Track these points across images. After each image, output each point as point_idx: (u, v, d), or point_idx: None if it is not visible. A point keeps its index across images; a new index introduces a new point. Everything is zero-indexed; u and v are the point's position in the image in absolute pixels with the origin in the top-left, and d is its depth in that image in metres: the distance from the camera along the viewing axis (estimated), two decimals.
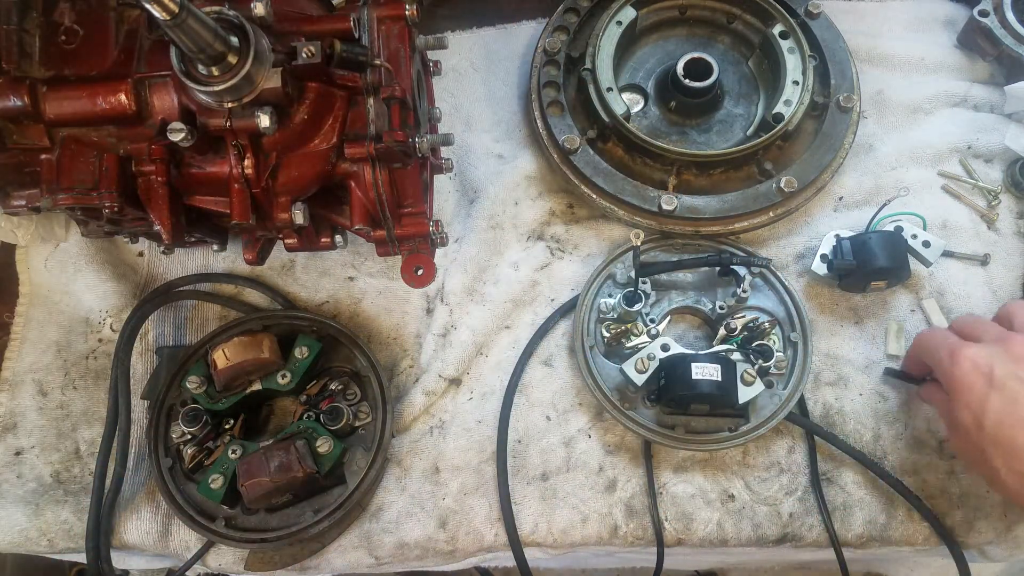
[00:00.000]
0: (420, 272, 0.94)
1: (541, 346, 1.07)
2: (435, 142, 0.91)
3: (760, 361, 0.97)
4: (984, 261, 1.08)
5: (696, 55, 1.08)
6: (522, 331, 1.08)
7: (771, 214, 1.06)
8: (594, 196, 1.07)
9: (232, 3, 0.78)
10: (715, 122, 1.14)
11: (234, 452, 0.94)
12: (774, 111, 1.07)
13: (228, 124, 0.79)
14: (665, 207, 1.02)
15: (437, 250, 0.97)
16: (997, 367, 0.76)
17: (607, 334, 1.02)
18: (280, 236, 0.92)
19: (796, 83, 1.07)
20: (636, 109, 1.14)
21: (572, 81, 1.14)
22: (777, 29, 1.11)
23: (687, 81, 1.07)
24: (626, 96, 1.12)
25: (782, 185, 1.04)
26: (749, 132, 1.12)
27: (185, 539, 0.99)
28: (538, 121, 1.11)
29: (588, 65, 1.09)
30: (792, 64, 1.08)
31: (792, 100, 1.07)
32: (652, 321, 1.03)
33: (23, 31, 0.83)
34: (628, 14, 1.11)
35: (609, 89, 1.07)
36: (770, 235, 1.11)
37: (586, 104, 1.10)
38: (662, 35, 1.20)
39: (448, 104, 1.19)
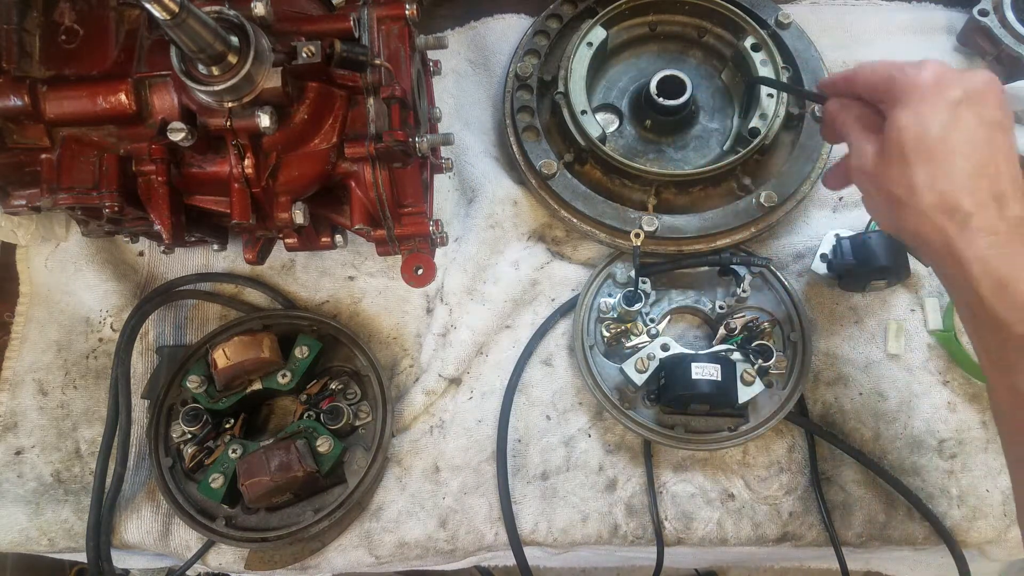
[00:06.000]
0: (420, 272, 0.94)
1: (541, 346, 1.08)
2: (435, 142, 0.91)
3: (760, 361, 0.97)
4: None
5: (669, 72, 1.07)
6: (522, 330, 1.08)
7: (752, 230, 1.05)
8: (575, 220, 1.07)
9: (232, 3, 0.78)
10: (691, 138, 1.13)
11: (234, 451, 0.94)
12: (750, 125, 1.06)
13: (228, 124, 0.79)
14: (646, 228, 1.02)
15: (437, 249, 0.97)
16: (963, 87, 0.70)
17: (607, 334, 1.03)
18: (280, 236, 0.92)
19: (771, 96, 1.07)
20: (611, 129, 1.13)
21: (546, 104, 1.13)
22: (748, 42, 1.10)
23: (661, 99, 1.06)
24: (600, 117, 1.11)
25: (762, 200, 1.04)
26: (726, 147, 1.11)
27: (185, 538, 1.00)
28: (514, 147, 1.10)
29: (561, 88, 1.08)
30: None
31: (767, 113, 1.06)
32: (652, 321, 1.03)
33: (23, 31, 0.83)
34: (598, 34, 1.10)
35: (583, 112, 1.06)
36: (769, 235, 1.11)
37: (561, 127, 1.10)
38: (633, 52, 1.19)
39: (448, 104, 1.19)
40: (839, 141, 0.85)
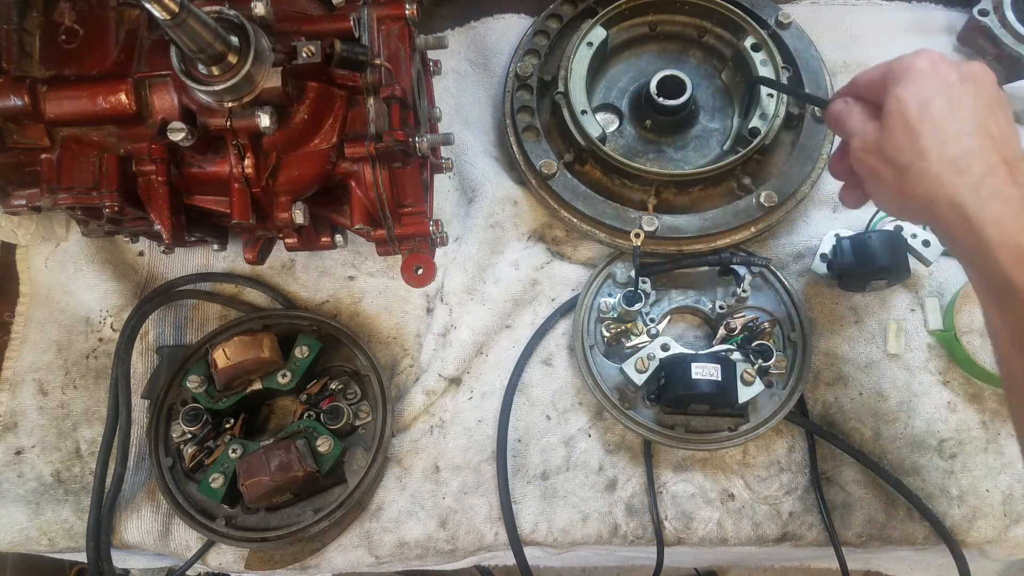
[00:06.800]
0: (420, 271, 0.94)
1: (541, 345, 1.08)
2: (435, 142, 0.91)
3: (760, 361, 0.97)
4: None
5: (669, 72, 1.07)
6: (522, 330, 1.08)
7: (752, 229, 1.05)
8: (575, 220, 1.07)
9: (232, 3, 0.78)
10: (691, 138, 1.13)
11: (234, 451, 0.94)
12: (750, 125, 1.06)
13: (228, 124, 0.79)
14: (646, 228, 1.02)
15: (437, 249, 0.97)
16: (958, 71, 0.72)
17: (607, 334, 1.03)
18: (280, 236, 0.92)
19: (771, 95, 1.07)
20: (611, 129, 1.13)
21: (546, 104, 1.13)
22: (748, 42, 1.10)
23: (661, 99, 1.06)
24: (600, 116, 1.11)
25: (762, 200, 1.03)
26: (726, 147, 1.11)
27: (185, 538, 1.00)
28: (514, 147, 1.10)
29: (561, 88, 1.08)
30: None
31: (767, 113, 1.06)
32: (652, 321, 1.03)
33: (23, 31, 0.83)
34: (598, 34, 1.10)
35: (584, 112, 1.06)
36: (769, 235, 1.11)
37: (561, 127, 1.10)
38: (633, 52, 1.19)
39: (448, 104, 1.19)
40: (845, 137, 0.83)
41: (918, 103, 0.70)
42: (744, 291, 1.02)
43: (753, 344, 0.99)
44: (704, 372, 0.91)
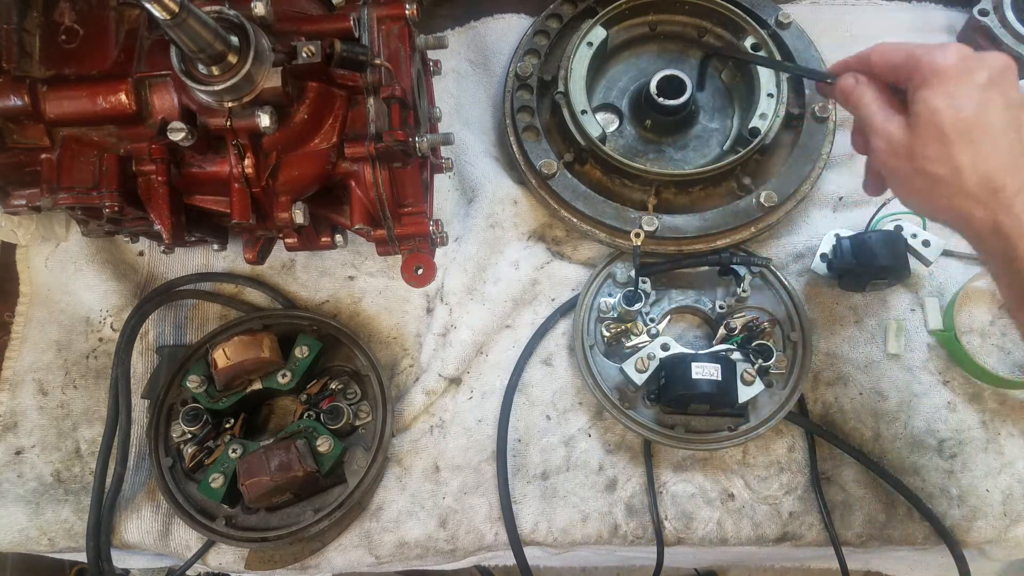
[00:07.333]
0: (420, 271, 0.94)
1: (541, 345, 1.08)
2: (435, 142, 0.91)
3: (760, 361, 0.97)
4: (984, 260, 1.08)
5: (669, 72, 1.07)
6: (522, 330, 1.08)
7: (752, 229, 1.05)
8: (575, 220, 1.07)
9: (232, 3, 0.78)
10: (691, 138, 1.13)
11: (234, 451, 0.94)
12: (750, 125, 1.06)
13: (228, 124, 0.79)
14: (646, 228, 1.02)
15: (437, 249, 0.97)
16: (987, 71, 0.70)
17: (607, 333, 1.03)
18: (280, 235, 0.92)
19: (770, 96, 1.07)
20: (611, 129, 1.13)
21: (546, 104, 1.13)
22: (748, 42, 1.10)
23: (661, 99, 1.06)
24: (601, 116, 1.11)
25: (762, 200, 1.03)
26: (726, 147, 1.11)
27: (185, 538, 1.00)
28: (514, 147, 1.10)
29: (561, 88, 1.08)
30: (765, 76, 1.08)
31: (767, 113, 1.06)
32: (652, 320, 1.03)
33: (23, 31, 0.83)
34: (598, 34, 1.10)
35: (584, 112, 1.06)
36: (769, 235, 1.11)
37: (561, 127, 1.10)
38: (633, 52, 1.19)
39: (448, 104, 1.19)
40: (860, 121, 0.82)
41: (951, 112, 0.69)
42: (744, 291, 1.02)
43: (753, 344, 0.99)
44: (704, 372, 0.91)
